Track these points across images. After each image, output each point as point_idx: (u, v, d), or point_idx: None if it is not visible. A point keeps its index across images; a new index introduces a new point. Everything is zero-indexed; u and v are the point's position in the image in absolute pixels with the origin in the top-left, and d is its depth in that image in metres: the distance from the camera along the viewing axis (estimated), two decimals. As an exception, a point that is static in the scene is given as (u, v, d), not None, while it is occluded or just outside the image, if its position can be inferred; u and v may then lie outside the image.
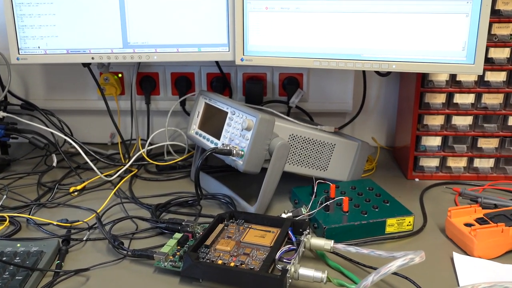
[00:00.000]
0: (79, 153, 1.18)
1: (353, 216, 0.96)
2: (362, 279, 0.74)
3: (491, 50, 1.11)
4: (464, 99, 1.16)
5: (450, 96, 1.16)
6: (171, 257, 0.86)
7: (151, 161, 1.26)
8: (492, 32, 1.10)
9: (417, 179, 1.22)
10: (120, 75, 1.40)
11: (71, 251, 0.92)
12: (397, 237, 0.95)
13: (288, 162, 1.04)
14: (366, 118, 1.45)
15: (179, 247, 0.88)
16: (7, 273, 0.80)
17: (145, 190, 1.17)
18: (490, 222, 0.91)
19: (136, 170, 1.27)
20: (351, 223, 0.93)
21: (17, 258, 0.84)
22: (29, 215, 1.03)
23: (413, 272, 0.82)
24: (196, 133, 1.16)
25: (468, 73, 0.96)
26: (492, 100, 1.15)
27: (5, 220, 1.00)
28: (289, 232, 0.87)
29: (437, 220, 1.01)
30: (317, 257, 0.89)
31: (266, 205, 1.02)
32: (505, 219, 0.92)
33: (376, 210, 0.98)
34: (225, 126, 1.06)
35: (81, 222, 1.00)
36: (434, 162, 1.21)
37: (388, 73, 1.11)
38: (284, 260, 0.81)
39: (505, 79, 1.14)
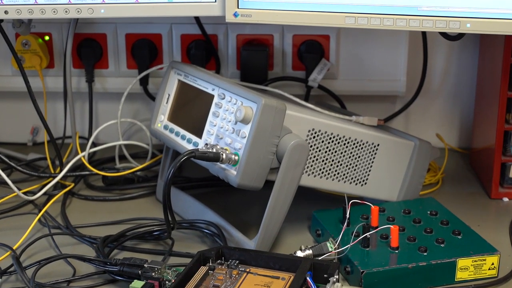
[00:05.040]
0: (-15, 159, 1.20)
1: (407, 254, 0.98)
2: None
3: None
4: None
5: (556, 71, 1.18)
6: (128, 316, 0.88)
7: (95, 171, 1.28)
8: None
9: (505, 199, 1.24)
10: (47, 37, 1.42)
11: (-26, 308, 0.94)
12: (474, 287, 0.97)
13: (306, 172, 1.06)
14: (428, 105, 1.46)
15: (139, 302, 0.90)
16: None
17: (87, 215, 1.19)
18: None
19: (73, 185, 1.28)
20: (403, 265, 0.95)
21: None
22: None
23: None
24: (166, 127, 1.18)
25: None
26: None
27: None
28: (308, 279, 0.89)
29: (535, 262, 1.03)
30: (351, 317, 0.91)
31: (272, 238, 1.04)
32: None
33: (442, 245, 1.00)
34: (210, 117, 1.08)
35: (-11, 263, 1.02)
36: (531, 173, 1.23)
37: (461, 35, 1.13)
38: (300, 321, 0.83)
39: None
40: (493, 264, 0.98)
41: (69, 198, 1.26)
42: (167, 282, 0.93)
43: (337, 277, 0.90)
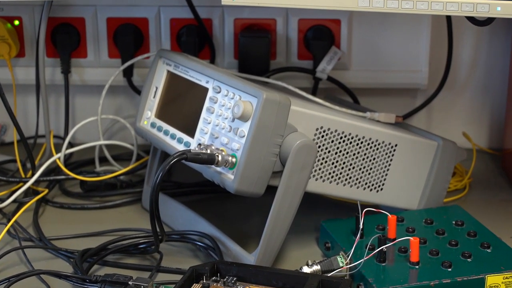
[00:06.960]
0: None
1: (428, 270, 0.98)
2: None
3: None
4: None
5: None
6: None
7: (72, 175, 1.28)
8: None
9: (541, 207, 1.25)
10: (17, 22, 1.42)
11: None
12: (505, 308, 0.97)
13: (313, 176, 1.06)
14: (453, 100, 1.47)
15: (123, 325, 0.91)
16: None
17: (63, 226, 1.19)
18: None
19: (47, 191, 1.29)
20: (424, 282, 0.95)
21: None
22: None
23: None
24: (153, 125, 1.18)
25: None
26: None
27: None
28: (316, 298, 0.90)
29: None
30: None
31: (275, 252, 1.04)
32: None
33: (469, 260, 1.00)
34: (204, 114, 1.09)
35: (-49, 281, 1.02)
36: None
37: (490, 20, 1.13)
38: None
39: None
40: (527, 281, 0.99)
41: (42, 206, 1.27)
42: (154, 301, 0.94)
43: (349, 296, 0.91)
